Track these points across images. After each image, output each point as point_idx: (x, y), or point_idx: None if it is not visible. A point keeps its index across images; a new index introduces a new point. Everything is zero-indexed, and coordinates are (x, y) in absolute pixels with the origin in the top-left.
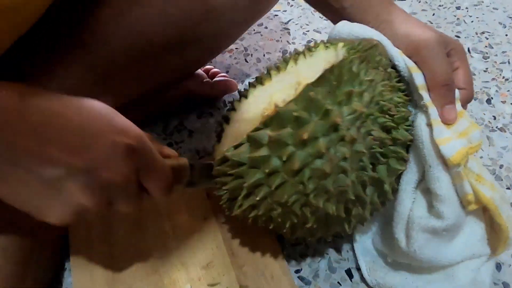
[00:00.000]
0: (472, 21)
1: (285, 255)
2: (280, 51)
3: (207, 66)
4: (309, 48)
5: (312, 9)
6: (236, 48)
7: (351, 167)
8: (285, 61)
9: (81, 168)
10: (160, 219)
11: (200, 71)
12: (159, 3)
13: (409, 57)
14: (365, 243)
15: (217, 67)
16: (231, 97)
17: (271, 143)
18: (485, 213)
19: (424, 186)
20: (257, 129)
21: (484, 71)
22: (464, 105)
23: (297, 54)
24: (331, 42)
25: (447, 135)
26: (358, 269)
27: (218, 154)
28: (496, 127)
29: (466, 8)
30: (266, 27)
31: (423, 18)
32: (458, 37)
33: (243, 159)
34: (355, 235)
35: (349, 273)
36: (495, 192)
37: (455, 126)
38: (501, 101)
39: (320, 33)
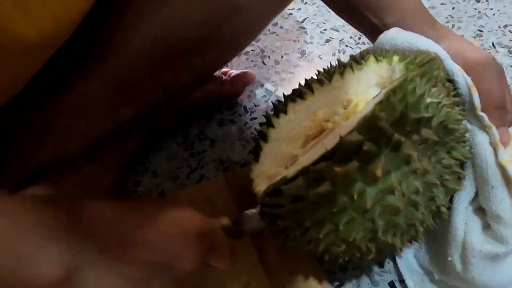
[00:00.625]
0: (493, 14)
1: (325, 270)
2: (298, 52)
3: (224, 69)
4: (356, 60)
5: None
6: (252, 50)
7: (422, 199)
8: (328, 74)
9: (165, 264)
10: None
11: (217, 72)
12: (180, 5)
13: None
14: (407, 258)
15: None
16: (251, 102)
17: (337, 178)
18: None
19: (477, 206)
20: (316, 162)
21: (511, 66)
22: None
23: (342, 66)
24: (382, 54)
25: (507, 157)
26: (401, 281)
27: (257, 175)
28: None
29: (487, 0)
30: (281, 27)
31: (443, 13)
32: (481, 31)
33: (301, 193)
34: None
35: (392, 285)
36: None
37: (509, 149)
38: None
39: (338, 31)
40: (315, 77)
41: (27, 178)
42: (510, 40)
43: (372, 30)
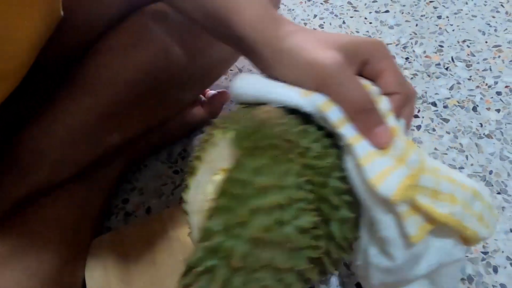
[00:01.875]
0: (453, 30)
1: None
2: None
3: None
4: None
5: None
6: (230, 70)
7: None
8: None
9: None
10: (175, 256)
11: None
12: (164, 41)
13: (319, 90)
14: None
15: (213, 90)
16: None
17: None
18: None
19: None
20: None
21: (468, 79)
22: (400, 110)
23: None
24: (228, 123)
25: (385, 166)
26: None
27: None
28: (484, 134)
29: (447, 17)
30: None
31: (407, 30)
32: (442, 46)
33: None
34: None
35: (359, 286)
36: (454, 205)
37: (392, 150)
38: (486, 108)
39: None
40: None
41: (13, 206)
42: (468, 55)
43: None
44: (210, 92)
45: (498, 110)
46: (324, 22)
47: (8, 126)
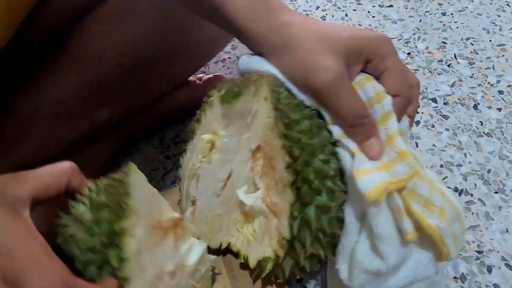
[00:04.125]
0: (457, 27)
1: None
2: None
3: (199, 75)
4: (208, 97)
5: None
6: (229, 58)
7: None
8: (202, 111)
9: None
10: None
11: (191, 78)
12: (151, 16)
13: (314, 98)
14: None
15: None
16: None
17: None
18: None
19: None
20: None
21: (470, 77)
22: (402, 113)
23: (205, 103)
24: (224, 85)
25: (369, 165)
26: None
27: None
28: (483, 132)
29: (452, 14)
30: None
31: (410, 25)
32: (445, 43)
33: None
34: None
35: None
36: (442, 220)
37: (382, 157)
38: (487, 107)
39: None
40: None
41: None
42: (471, 52)
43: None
44: (206, 76)
45: (499, 109)
46: (326, 14)
47: None
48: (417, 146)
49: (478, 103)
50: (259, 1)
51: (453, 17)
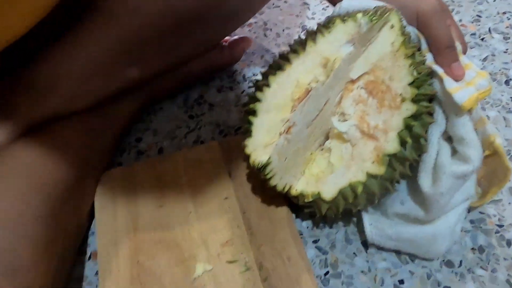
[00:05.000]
0: (494, 1)
1: (306, 227)
2: (299, 27)
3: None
4: (325, 25)
5: None
6: (255, 22)
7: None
8: (301, 44)
9: None
10: (183, 196)
11: None
12: None
13: (416, 24)
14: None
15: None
16: (250, 72)
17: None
18: (486, 158)
19: (446, 137)
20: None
21: (504, 52)
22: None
23: (313, 33)
24: (346, 15)
25: (456, 85)
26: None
27: (253, 148)
28: None
29: None
30: (285, 1)
31: None
32: (480, 16)
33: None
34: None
35: (364, 244)
36: (499, 138)
37: (465, 79)
38: None
39: None
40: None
41: (28, 129)
42: (507, 27)
43: None
44: (231, 38)
45: None
46: None
47: (29, 52)
48: None
49: (510, 79)
50: None
51: None
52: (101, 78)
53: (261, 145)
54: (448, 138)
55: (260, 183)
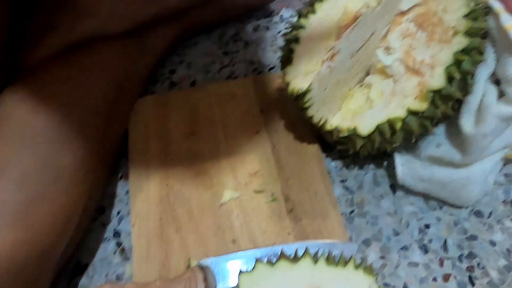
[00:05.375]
0: None
1: (334, 167)
2: None
3: None
4: None
5: None
6: None
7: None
8: None
9: None
10: (215, 126)
11: None
12: None
13: None
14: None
15: None
16: (288, 13)
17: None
18: None
19: (493, 79)
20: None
21: None
22: None
23: None
24: None
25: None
26: (402, 186)
27: (293, 76)
28: None
29: None
30: None
31: None
32: None
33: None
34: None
35: (392, 188)
36: None
37: None
38: None
39: None
40: None
41: (66, 48)
42: None
43: None
44: None
45: None
46: None
47: None
48: None
49: None
50: None
51: None
52: (139, 3)
53: (302, 73)
54: (495, 81)
55: (292, 121)
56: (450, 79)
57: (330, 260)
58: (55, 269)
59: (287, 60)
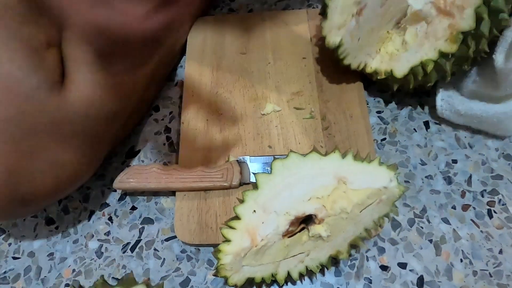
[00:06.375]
0: None
1: (373, 99)
2: None
3: None
4: None
5: None
6: None
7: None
8: None
9: None
10: (265, 48)
11: None
12: None
13: None
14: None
15: None
16: None
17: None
18: None
19: None
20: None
21: None
22: None
23: None
24: None
25: None
26: (435, 122)
27: (328, 30)
28: None
29: None
30: None
31: None
32: None
33: None
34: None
35: (426, 124)
36: None
37: None
38: None
39: None
40: None
41: None
42: None
43: None
44: None
45: None
46: None
47: None
48: None
49: None
50: None
51: None
52: None
53: (335, 27)
54: None
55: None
56: (479, 19)
57: (358, 156)
58: (113, 139)
59: (323, 14)
